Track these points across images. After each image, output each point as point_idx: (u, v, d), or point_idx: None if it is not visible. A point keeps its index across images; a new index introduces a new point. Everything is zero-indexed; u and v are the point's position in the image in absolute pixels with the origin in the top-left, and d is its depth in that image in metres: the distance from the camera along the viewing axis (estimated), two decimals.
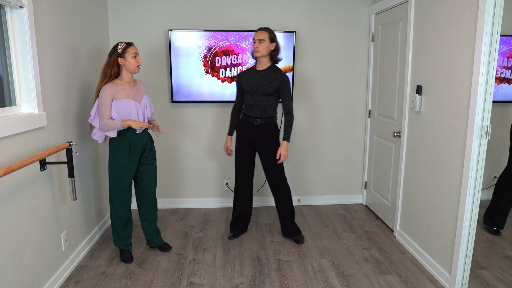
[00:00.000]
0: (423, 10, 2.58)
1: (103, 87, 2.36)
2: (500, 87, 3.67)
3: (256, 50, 2.63)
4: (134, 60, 2.39)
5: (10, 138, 1.88)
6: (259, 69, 2.71)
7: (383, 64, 3.30)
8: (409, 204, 2.84)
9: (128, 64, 2.39)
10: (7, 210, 1.85)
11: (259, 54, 2.63)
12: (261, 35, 2.60)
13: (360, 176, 3.84)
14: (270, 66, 2.70)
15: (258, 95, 2.68)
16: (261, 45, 2.61)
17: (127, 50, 2.37)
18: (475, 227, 2.36)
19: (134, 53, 2.39)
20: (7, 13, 1.97)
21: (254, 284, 2.37)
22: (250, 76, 2.72)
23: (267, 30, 2.63)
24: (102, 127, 2.37)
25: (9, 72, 2.02)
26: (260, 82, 2.67)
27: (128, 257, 2.63)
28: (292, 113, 2.74)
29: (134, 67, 2.41)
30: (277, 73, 2.67)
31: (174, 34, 3.32)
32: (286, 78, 2.66)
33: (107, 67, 2.39)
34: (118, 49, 2.37)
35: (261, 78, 2.67)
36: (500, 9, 1.92)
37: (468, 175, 2.12)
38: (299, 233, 2.96)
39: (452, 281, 2.27)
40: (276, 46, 2.67)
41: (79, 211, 2.69)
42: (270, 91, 2.66)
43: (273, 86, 2.65)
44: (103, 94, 2.34)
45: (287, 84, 2.67)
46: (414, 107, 2.68)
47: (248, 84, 2.70)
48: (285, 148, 2.71)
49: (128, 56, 2.38)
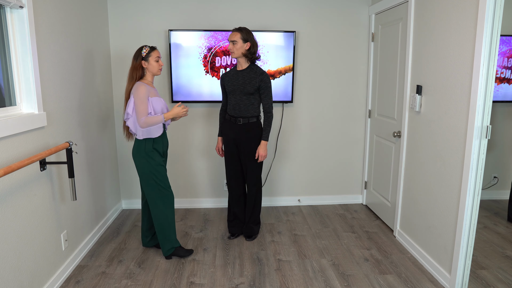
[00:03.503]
0: (423, 10, 2.58)
1: (138, 86, 2.42)
2: (500, 87, 3.67)
3: (230, 51, 2.67)
4: (156, 63, 2.50)
5: (10, 138, 1.88)
6: (239, 69, 2.74)
7: (383, 64, 3.30)
8: (409, 204, 2.84)
9: (151, 67, 2.49)
10: (7, 210, 1.85)
11: (233, 56, 2.67)
12: (233, 37, 2.63)
13: (360, 176, 3.84)
14: (250, 66, 2.73)
15: (240, 94, 2.71)
16: (234, 46, 2.64)
17: (150, 54, 2.47)
18: (475, 227, 2.36)
19: (157, 57, 2.50)
20: (7, 13, 1.97)
21: (254, 284, 2.37)
22: (231, 76, 2.76)
23: (240, 30, 2.64)
24: (143, 123, 2.43)
25: (9, 72, 2.02)
26: (241, 81, 2.70)
27: (185, 250, 2.70)
28: (272, 112, 2.76)
29: (156, 69, 2.51)
30: (257, 72, 2.70)
31: (174, 34, 3.32)
32: (265, 76, 2.69)
33: (133, 70, 2.49)
34: (142, 52, 2.47)
35: (242, 78, 2.71)
36: (500, 9, 1.92)
37: (468, 175, 2.12)
38: (254, 235, 2.99)
39: (452, 281, 2.27)
40: (250, 46, 2.67)
41: (79, 211, 2.69)
42: (251, 90, 2.69)
43: (253, 85, 2.68)
44: (141, 92, 2.41)
45: (267, 83, 2.69)
46: (414, 107, 2.68)
47: (230, 84, 2.74)
48: (264, 148, 2.74)
49: (152, 59, 2.48)
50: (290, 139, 3.69)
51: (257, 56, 2.73)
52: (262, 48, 3.39)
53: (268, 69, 3.44)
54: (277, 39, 3.39)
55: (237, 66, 2.76)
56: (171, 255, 2.67)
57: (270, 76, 3.45)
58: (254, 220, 2.98)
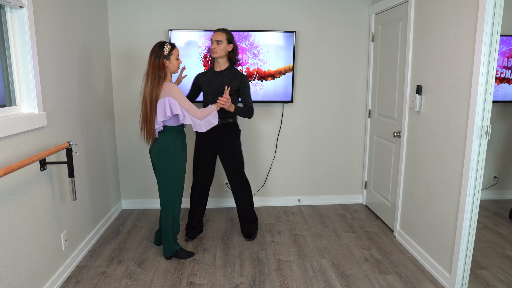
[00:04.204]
0: (423, 10, 2.58)
1: (171, 87, 2.37)
2: (500, 87, 3.67)
3: (213, 51, 2.65)
4: (177, 62, 2.46)
5: (10, 138, 1.88)
6: (218, 70, 2.74)
7: (383, 64, 3.30)
8: (409, 204, 2.84)
9: (172, 65, 2.44)
10: (7, 210, 1.85)
11: (216, 55, 2.66)
12: (218, 36, 2.63)
13: (360, 176, 3.84)
14: (228, 67, 2.73)
15: (218, 95, 2.71)
16: (219, 46, 2.64)
17: (172, 52, 2.42)
18: (475, 227, 2.36)
19: (178, 55, 2.46)
20: (7, 13, 1.97)
21: (254, 284, 2.37)
22: (209, 77, 2.75)
23: (225, 31, 2.66)
24: (200, 116, 2.43)
25: (9, 72, 2.02)
26: (220, 82, 2.70)
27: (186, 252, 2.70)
28: (253, 108, 2.77)
29: (176, 68, 2.47)
30: (236, 73, 2.71)
31: (174, 34, 3.32)
32: (245, 78, 2.71)
33: (158, 69, 2.36)
34: (164, 51, 2.38)
35: (220, 79, 2.71)
36: (500, 9, 1.92)
37: (468, 175, 2.12)
38: (255, 231, 3.00)
39: (452, 281, 2.27)
40: (233, 47, 2.69)
41: (79, 211, 2.69)
42: (231, 91, 2.69)
43: (233, 86, 2.69)
44: (178, 91, 2.38)
45: (247, 84, 2.72)
46: (414, 107, 2.68)
47: (208, 85, 2.73)
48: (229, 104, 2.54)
49: (173, 58, 2.43)
50: (290, 139, 3.69)
51: (238, 59, 2.76)
52: (262, 48, 3.39)
53: (268, 69, 3.44)
54: (277, 39, 3.39)
55: (215, 67, 2.76)
56: (172, 256, 2.67)
57: (270, 76, 3.45)
58: (251, 219, 2.97)
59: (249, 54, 3.40)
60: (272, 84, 3.47)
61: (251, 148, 3.67)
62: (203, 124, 2.46)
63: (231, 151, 2.80)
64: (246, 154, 3.69)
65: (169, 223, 2.59)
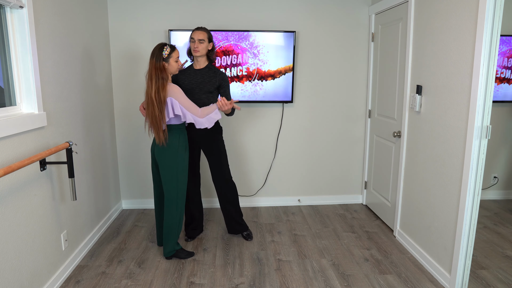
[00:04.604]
0: (423, 10, 2.58)
1: (173, 87, 2.43)
2: (500, 87, 3.67)
3: (196, 50, 2.66)
4: (176, 64, 2.49)
5: (10, 138, 1.88)
6: (197, 68, 2.76)
7: (383, 64, 3.30)
8: (409, 204, 2.84)
9: (171, 67, 2.48)
10: (7, 210, 1.85)
11: (199, 54, 2.68)
12: (201, 35, 2.65)
13: (360, 176, 3.84)
14: (208, 65, 2.76)
15: (198, 93, 2.72)
16: (201, 45, 2.66)
17: (171, 55, 2.45)
18: (475, 227, 2.36)
19: (177, 58, 2.48)
20: (7, 13, 1.97)
21: (254, 284, 2.37)
22: (188, 75, 2.76)
23: (206, 30, 2.69)
24: (201, 115, 2.49)
25: (9, 72, 2.02)
26: (200, 80, 2.71)
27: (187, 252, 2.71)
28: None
29: (175, 70, 2.51)
30: (216, 71, 2.74)
31: (174, 34, 3.32)
32: (225, 75, 2.75)
33: (160, 71, 2.39)
34: (163, 54, 2.41)
35: (200, 77, 2.72)
36: (500, 9, 1.92)
37: (468, 175, 2.12)
38: (246, 229, 3.01)
39: (452, 281, 2.27)
40: (212, 46, 2.75)
41: (79, 211, 2.69)
42: (211, 88, 2.71)
43: (213, 84, 2.71)
44: (179, 91, 2.44)
45: (227, 82, 2.75)
46: (414, 107, 2.68)
47: (188, 82, 2.74)
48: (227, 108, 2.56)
49: (172, 60, 2.46)
50: (290, 139, 3.69)
51: (215, 57, 2.80)
52: (262, 48, 3.39)
53: (268, 69, 3.44)
54: (277, 39, 3.39)
55: (195, 65, 2.77)
56: (172, 256, 2.67)
57: (270, 76, 3.45)
58: (238, 214, 2.97)
59: (249, 54, 3.40)
60: (272, 84, 3.47)
61: (251, 148, 3.67)
62: (204, 121, 2.51)
63: (215, 148, 2.82)
64: (246, 154, 3.69)
65: (174, 222, 2.60)
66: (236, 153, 3.68)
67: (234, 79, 3.44)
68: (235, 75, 3.43)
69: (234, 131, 3.63)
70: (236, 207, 2.96)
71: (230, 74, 3.42)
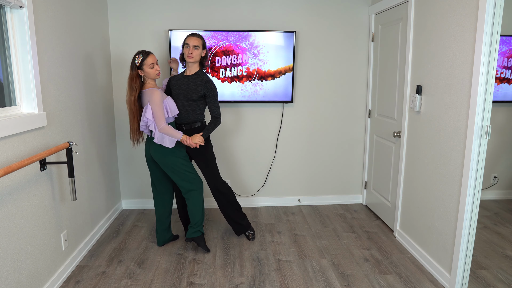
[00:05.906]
0: (423, 10, 2.58)
1: (153, 92, 2.46)
2: (500, 87, 3.67)
3: (190, 55, 2.63)
4: (152, 70, 2.50)
5: (10, 138, 1.88)
6: (187, 74, 2.73)
7: (383, 64, 3.30)
8: (409, 204, 2.84)
9: (148, 74, 2.51)
10: (7, 210, 1.85)
11: (192, 60, 2.65)
12: (196, 42, 2.63)
13: (360, 176, 3.84)
14: (198, 72, 2.71)
15: (182, 99, 2.69)
16: (196, 51, 2.64)
17: (144, 62, 2.47)
18: (475, 227, 2.36)
19: (151, 64, 2.48)
20: (7, 13, 1.97)
21: (254, 284, 2.37)
22: (177, 80, 2.74)
23: (201, 37, 2.68)
24: (161, 129, 2.48)
25: (9, 72, 2.02)
26: (185, 87, 2.68)
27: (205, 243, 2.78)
28: (219, 117, 2.72)
29: (153, 75, 2.53)
30: (203, 79, 2.68)
31: (174, 34, 3.32)
32: (211, 84, 2.68)
33: (131, 80, 2.49)
34: (136, 62, 2.45)
35: (187, 83, 2.69)
36: (500, 9, 1.92)
37: (468, 175, 2.12)
38: (247, 229, 3.00)
39: (452, 281, 2.27)
40: (206, 53, 2.73)
41: (79, 211, 2.69)
42: (194, 96, 2.67)
43: (197, 92, 2.66)
44: (158, 99, 2.45)
45: (213, 91, 2.68)
46: (414, 107, 2.68)
47: (175, 88, 2.73)
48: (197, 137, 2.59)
49: (146, 67, 2.48)
50: (290, 139, 3.70)
51: (207, 64, 2.79)
52: (262, 48, 3.39)
53: (268, 69, 3.44)
54: (277, 39, 3.39)
55: (186, 71, 2.74)
56: (191, 239, 2.74)
57: (270, 76, 3.45)
58: (237, 215, 2.95)
59: (249, 54, 3.40)
60: (272, 84, 3.47)
61: (251, 148, 3.67)
62: (157, 135, 2.52)
63: (202, 155, 2.77)
64: (246, 154, 3.69)
65: (198, 209, 2.68)
66: (236, 153, 3.68)
67: (234, 79, 3.44)
68: (235, 75, 3.43)
69: (234, 131, 3.63)
70: (232, 208, 2.93)
71: (230, 74, 3.42)
